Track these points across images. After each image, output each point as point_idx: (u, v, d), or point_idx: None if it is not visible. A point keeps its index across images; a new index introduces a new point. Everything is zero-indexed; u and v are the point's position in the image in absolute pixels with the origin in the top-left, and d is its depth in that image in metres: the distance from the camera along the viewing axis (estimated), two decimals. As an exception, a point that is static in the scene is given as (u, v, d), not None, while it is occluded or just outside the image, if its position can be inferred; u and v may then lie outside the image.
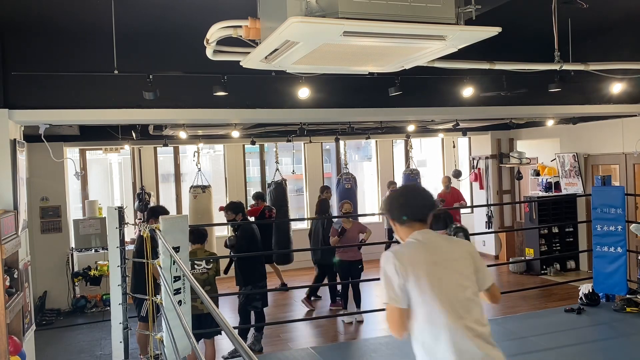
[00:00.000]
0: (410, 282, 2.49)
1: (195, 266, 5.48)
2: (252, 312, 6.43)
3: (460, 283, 2.55)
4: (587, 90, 6.89)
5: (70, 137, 8.43)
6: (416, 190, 2.89)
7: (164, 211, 5.86)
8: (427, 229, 2.67)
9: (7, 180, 4.97)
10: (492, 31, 2.66)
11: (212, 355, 5.57)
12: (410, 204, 2.68)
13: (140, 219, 9.09)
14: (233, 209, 7.52)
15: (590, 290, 7.14)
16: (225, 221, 7.49)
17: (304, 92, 5.63)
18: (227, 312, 6.87)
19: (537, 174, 10.48)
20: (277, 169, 10.04)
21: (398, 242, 2.75)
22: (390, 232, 10.12)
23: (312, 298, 8.41)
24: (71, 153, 9.69)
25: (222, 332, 4.82)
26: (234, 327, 5.07)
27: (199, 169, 9.64)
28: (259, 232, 7.94)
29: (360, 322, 7.34)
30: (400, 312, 2.50)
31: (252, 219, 9.00)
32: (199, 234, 5.75)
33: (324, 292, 8.61)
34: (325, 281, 8.07)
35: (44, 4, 4.59)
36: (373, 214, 11.22)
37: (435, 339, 2.48)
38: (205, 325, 5.23)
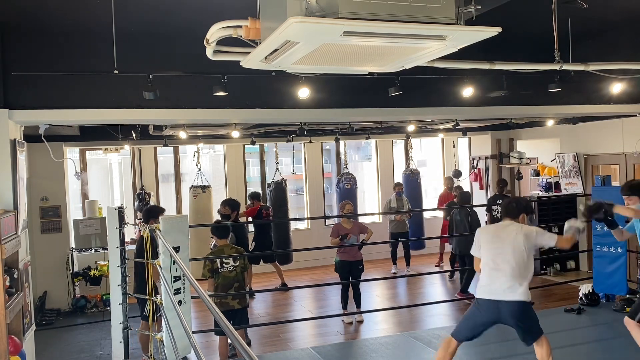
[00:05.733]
0: None
1: (224, 264, 5.52)
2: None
3: None
4: (587, 90, 6.89)
5: (70, 137, 8.43)
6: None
7: (161, 210, 5.88)
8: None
9: (7, 180, 4.97)
10: (492, 31, 2.66)
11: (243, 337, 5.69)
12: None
13: (141, 219, 9.10)
14: (232, 204, 7.55)
15: (590, 290, 7.13)
16: (228, 218, 7.51)
17: (304, 92, 5.63)
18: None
19: (537, 174, 10.48)
20: (277, 169, 10.04)
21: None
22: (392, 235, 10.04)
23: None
24: (71, 153, 9.69)
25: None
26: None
27: (199, 169, 9.64)
28: (257, 232, 8.00)
29: (360, 322, 7.34)
30: None
31: (244, 218, 9.03)
32: (224, 229, 5.80)
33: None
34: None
35: (44, 4, 4.59)
36: (373, 214, 11.24)
37: None
38: (235, 321, 5.42)
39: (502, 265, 4.33)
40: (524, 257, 4.32)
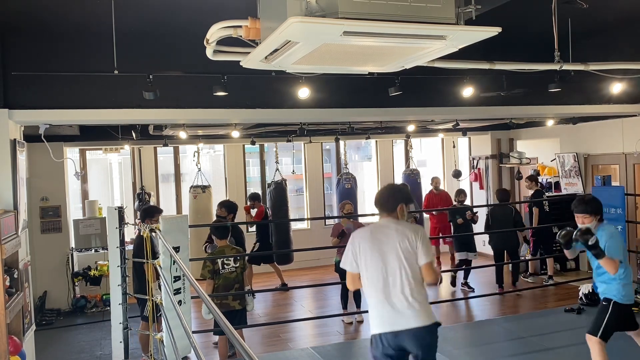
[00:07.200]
0: None
1: (225, 265, 5.51)
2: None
3: None
4: (587, 90, 6.89)
5: (70, 137, 8.43)
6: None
7: (157, 210, 5.89)
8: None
9: (7, 180, 4.97)
10: (492, 31, 2.66)
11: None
12: None
13: (139, 218, 9.11)
14: (228, 207, 7.54)
15: (590, 290, 7.14)
16: (224, 220, 7.50)
17: (304, 92, 5.63)
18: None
19: (537, 174, 10.47)
20: (277, 169, 10.04)
21: None
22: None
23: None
24: (71, 153, 9.69)
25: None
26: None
27: (199, 169, 9.64)
28: (262, 234, 7.92)
29: (360, 322, 7.34)
30: None
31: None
32: (223, 229, 5.80)
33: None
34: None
35: (44, 4, 4.59)
36: (373, 214, 11.23)
37: None
38: (235, 321, 5.44)
39: (390, 281, 3.43)
40: (414, 263, 3.43)
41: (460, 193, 9.21)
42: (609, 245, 4.26)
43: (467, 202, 9.84)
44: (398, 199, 3.63)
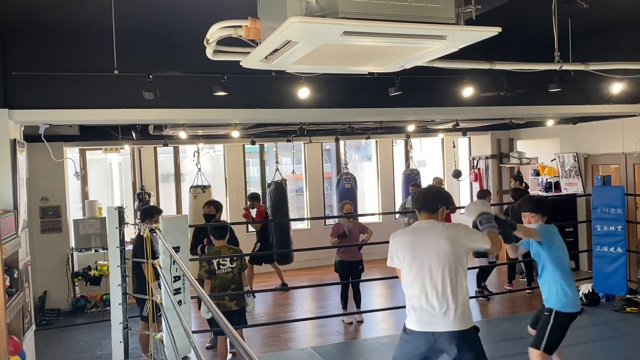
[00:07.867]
0: None
1: (220, 266, 5.51)
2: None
3: None
4: (587, 90, 6.89)
5: (70, 137, 8.43)
6: None
7: (157, 210, 5.89)
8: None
9: (7, 180, 4.97)
10: (492, 31, 2.66)
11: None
12: None
13: (139, 218, 9.12)
14: (216, 205, 7.59)
15: (590, 290, 7.15)
16: (214, 218, 7.52)
17: (304, 92, 5.63)
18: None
19: (537, 174, 10.47)
20: (277, 169, 10.05)
21: None
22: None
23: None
24: (71, 153, 9.69)
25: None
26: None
27: (199, 169, 9.65)
28: (262, 233, 7.86)
29: (360, 322, 7.34)
30: None
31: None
32: (222, 229, 5.80)
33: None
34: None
35: (44, 4, 4.59)
36: (373, 214, 11.24)
37: None
38: (232, 322, 5.35)
39: (426, 283, 3.39)
40: (452, 267, 3.37)
41: (487, 194, 8.66)
42: (548, 240, 4.27)
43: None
44: (441, 200, 3.59)
